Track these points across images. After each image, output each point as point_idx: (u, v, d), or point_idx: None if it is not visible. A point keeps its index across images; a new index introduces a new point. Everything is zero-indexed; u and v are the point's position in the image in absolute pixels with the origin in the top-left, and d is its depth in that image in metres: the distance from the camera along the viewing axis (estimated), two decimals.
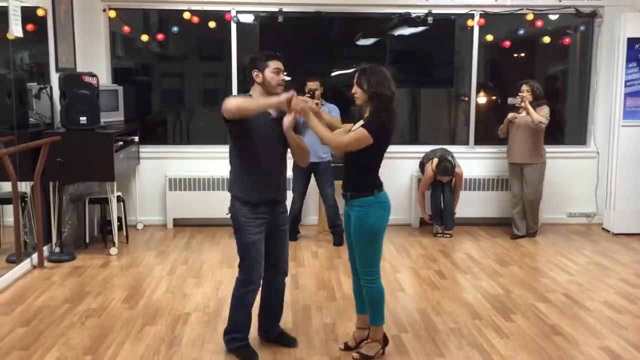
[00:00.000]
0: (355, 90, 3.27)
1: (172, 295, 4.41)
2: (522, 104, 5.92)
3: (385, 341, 3.47)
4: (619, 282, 4.81)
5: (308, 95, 5.13)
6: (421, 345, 3.60)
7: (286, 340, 3.57)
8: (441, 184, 6.17)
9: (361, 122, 3.29)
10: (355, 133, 3.20)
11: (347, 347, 3.51)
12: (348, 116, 5.98)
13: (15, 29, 4.70)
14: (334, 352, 3.51)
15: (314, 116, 3.20)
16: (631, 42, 6.11)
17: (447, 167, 5.98)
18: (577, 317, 4.09)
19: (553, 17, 6.64)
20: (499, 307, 4.24)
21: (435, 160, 6.06)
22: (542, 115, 5.87)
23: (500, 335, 3.76)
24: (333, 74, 7.05)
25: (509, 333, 3.80)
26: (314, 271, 5.05)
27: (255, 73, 3.24)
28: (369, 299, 3.38)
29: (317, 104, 5.16)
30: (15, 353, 3.43)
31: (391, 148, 6.70)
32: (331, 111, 5.68)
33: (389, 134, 3.29)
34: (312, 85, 5.45)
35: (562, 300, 4.40)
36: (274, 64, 3.24)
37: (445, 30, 6.86)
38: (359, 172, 3.31)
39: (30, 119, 5.38)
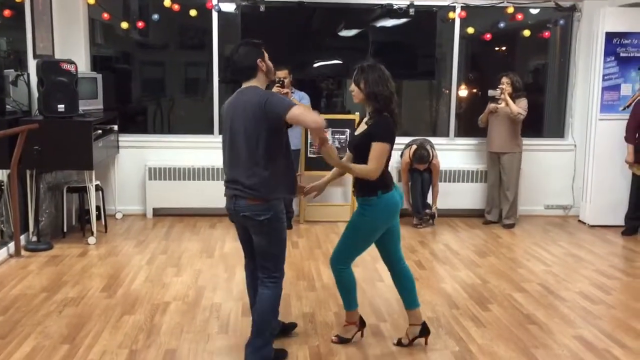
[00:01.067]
0: (353, 88, 3.26)
1: (151, 284, 4.40)
2: (502, 96, 6.05)
3: (362, 323, 3.54)
4: (594, 273, 4.89)
5: (278, 85, 5.14)
6: (400, 334, 3.63)
7: (289, 327, 3.59)
8: (420, 175, 6.22)
9: (364, 126, 3.27)
10: (375, 152, 3.13)
11: (399, 343, 3.52)
12: (318, 104, 6.02)
13: None
14: (312, 341, 3.53)
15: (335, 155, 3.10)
16: (609, 36, 6.19)
17: (422, 154, 6.03)
18: (552, 306, 4.16)
19: (533, 11, 6.70)
20: (476, 297, 4.30)
21: (414, 147, 6.10)
22: (520, 107, 6.03)
23: (477, 325, 3.81)
24: (315, 64, 7.05)
25: (485, 322, 3.85)
26: (295, 261, 5.06)
27: (260, 63, 3.07)
28: (342, 285, 3.44)
29: (286, 92, 5.21)
30: None
31: None
32: (302, 99, 5.72)
33: (395, 133, 3.26)
34: (281, 74, 5.37)
35: (538, 290, 4.47)
36: (265, 52, 3.15)
37: (427, 22, 6.88)
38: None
39: (7, 106, 5.29)
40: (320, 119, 2.93)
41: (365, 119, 3.31)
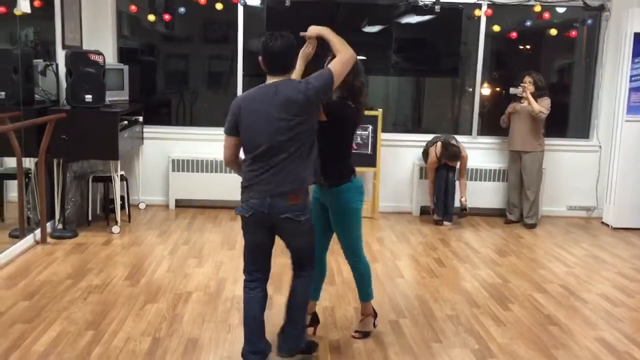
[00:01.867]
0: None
1: (173, 274, 4.46)
2: (524, 94, 6.02)
3: (375, 314, 3.60)
4: (616, 276, 4.85)
5: None
6: (419, 331, 3.65)
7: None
8: (445, 172, 6.19)
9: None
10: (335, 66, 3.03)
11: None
12: None
13: (24, 5, 4.70)
14: (332, 336, 3.55)
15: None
16: (638, 37, 6.11)
17: (455, 151, 6.01)
18: (574, 308, 4.14)
19: (560, 10, 6.63)
20: (496, 296, 4.29)
21: (439, 144, 6.08)
22: (543, 105, 6.00)
23: (497, 324, 3.80)
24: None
25: (505, 321, 3.84)
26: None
27: (294, 59, 3.01)
28: (359, 277, 3.49)
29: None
30: (18, 326, 3.47)
31: (394, 136, 6.80)
32: None
33: (348, 119, 3.22)
34: None
35: (559, 291, 4.45)
36: None
37: (452, 19, 6.85)
38: (331, 160, 3.21)
39: (36, 96, 5.40)
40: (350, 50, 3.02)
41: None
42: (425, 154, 6.28)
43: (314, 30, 3.06)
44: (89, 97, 5.22)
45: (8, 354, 3.15)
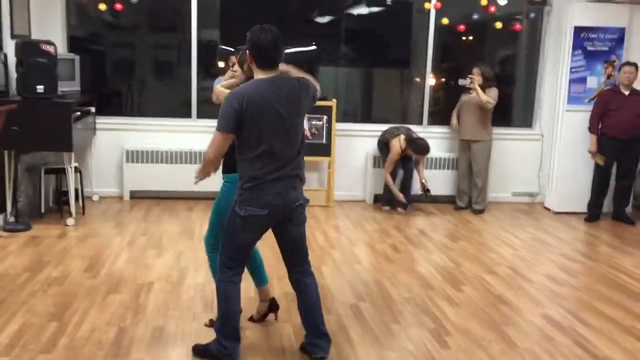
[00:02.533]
0: (236, 69, 3.28)
1: (133, 265, 4.47)
2: (472, 85, 6.26)
3: (275, 306, 3.61)
4: (560, 257, 5.15)
5: (233, 69, 5.24)
6: (378, 313, 3.80)
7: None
8: (406, 164, 6.36)
9: None
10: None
11: (251, 319, 3.60)
12: None
13: None
14: (295, 319, 3.64)
15: None
16: (577, 30, 6.43)
17: (424, 144, 6.18)
18: (521, 288, 4.39)
19: (505, 4, 6.89)
20: (449, 278, 4.49)
21: (403, 138, 6.20)
22: (490, 96, 6.26)
23: (451, 304, 4.00)
24: (286, 50, 7.12)
25: (459, 302, 4.04)
26: (274, 244, 5.16)
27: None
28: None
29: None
30: None
31: (346, 126, 6.91)
32: None
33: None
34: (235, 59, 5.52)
35: (507, 272, 4.69)
36: None
37: (403, 11, 7.03)
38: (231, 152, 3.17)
39: None
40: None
41: None
42: (384, 145, 6.41)
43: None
44: (40, 88, 5.12)
45: None
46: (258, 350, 3.26)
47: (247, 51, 2.90)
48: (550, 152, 6.84)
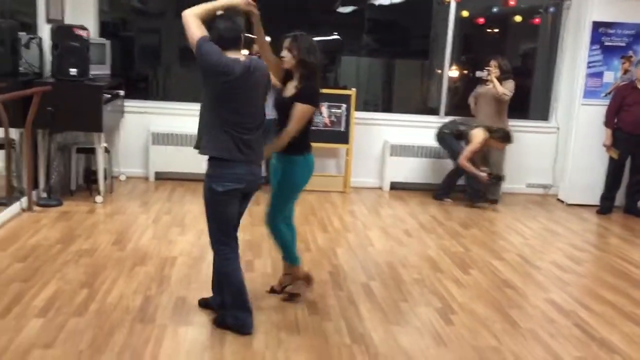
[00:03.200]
0: (285, 54, 3.50)
1: (158, 241, 4.72)
2: (489, 77, 6.40)
3: (308, 280, 3.85)
4: (568, 247, 5.29)
5: (281, 56, 5.46)
6: (388, 292, 4.00)
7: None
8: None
9: (292, 90, 3.52)
10: (297, 113, 3.43)
11: (272, 291, 3.83)
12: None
13: None
14: (308, 294, 3.87)
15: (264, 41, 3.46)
16: (596, 25, 6.52)
17: (510, 133, 6.31)
18: (528, 274, 4.55)
19: None
20: (458, 262, 4.68)
21: (483, 130, 6.23)
22: (507, 88, 6.38)
23: (458, 286, 4.18)
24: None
25: (466, 284, 4.23)
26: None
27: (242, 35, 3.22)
28: (280, 241, 3.71)
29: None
30: (15, 284, 3.71)
31: (365, 115, 7.08)
32: None
33: (318, 99, 3.57)
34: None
35: (515, 259, 4.85)
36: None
37: (423, 3, 7.17)
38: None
39: (20, 68, 5.53)
40: None
41: (294, 84, 3.53)
42: (455, 136, 6.44)
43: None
44: (73, 71, 5.38)
45: (10, 307, 3.39)
46: (273, 322, 3.48)
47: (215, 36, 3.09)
48: (566, 145, 6.95)
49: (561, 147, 7.07)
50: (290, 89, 3.55)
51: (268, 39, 3.55)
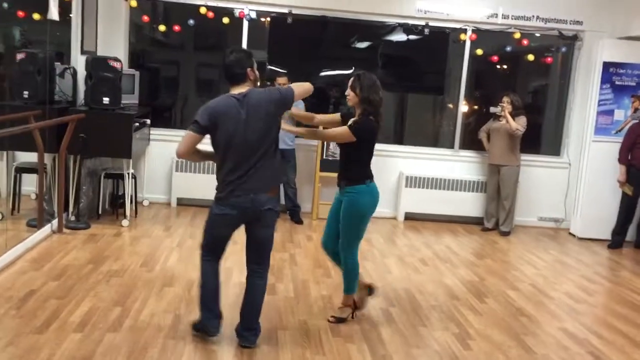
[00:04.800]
0: (349, 92, 3.81)
1: (184, 263, 4.90)
2: (502, 113, 6.62)
3: (355, 306, 4.03)
4: (580, 278, 5.43)
5: (346, 94, 5.74)
6: (407, 317, 4.16)
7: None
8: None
9: (351, 121, 3.81)
10: (341, 129, 3.78)
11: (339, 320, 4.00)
12: (326, 110, 7.10)
13: (54, 13, 5.13)
14: (329, 319, 4.03)
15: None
16: (606, 65, 6.75)
17: None
18: (541, 303, 4.69)
19: (538, 38, 7.26)
20: (474, 291, 4.82)
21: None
22: (519, 123, 6.59)
23: (474, 313, 4.33)
24: (322, 74, 7.67)
25: (482, 312, 4.37)
26: (310, 252, 5.57)
27: (250, 71, 3.34)
28: (349, 271, 3.95)
29: None
30: (53, 301, 3.89)
31: (381, 146, 7.31)
32: (297, 104, 6.37)
33: (374, 134, 3.82)
34: (281, 80, 6.24)
35: (528, 289, 5.00)
36: (254, 62, 3.48)
37: (439, 41, 7.44)
38: (352, 165, 3.86)
39: (54, 97, 5.80)
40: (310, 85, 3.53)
41: (353, 119, 3.81)
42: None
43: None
44: (106, 100, 5.65)
45: (49, 322, 3.57)
46: (298, 342, 3.63)
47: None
48: (577, 180, 7.13)
49: (572, 182, 7.24)
50: (350, 122, 3.80)
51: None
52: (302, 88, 3.46)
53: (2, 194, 5.70)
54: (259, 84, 3.45)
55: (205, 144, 3.37)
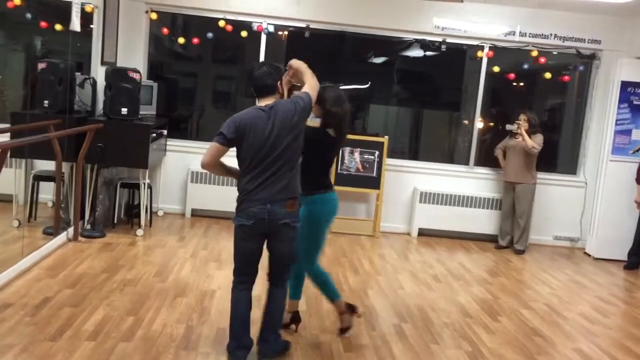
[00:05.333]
0: (313, 105, 3.65)
1: (197, 274, 4.92)
2: (519, 131, 6.59)
3: (351, 308, 3.98)
4: (595, 299, 5.37)
5: None
6: (419, 334, 4.13)
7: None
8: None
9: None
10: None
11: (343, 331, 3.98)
12: None
13: (76, 24, 5.21)
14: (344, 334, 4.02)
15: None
16: (624, 85, 6.71)
17: None
18: (556, 323, 4.64)
19: (555, 56, 7.24)
20: (487, 309, 4.79)
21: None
22: (535, 141, 6.56)
23: (487, 332, 4.29)
24: (341, 87, 7.67)
25: (495, 330, 4.33)
26: (323, 266, 5.53)
27: (279, 85, 3.40)
28: (318, 282, 3.88)
29: None
30: (67, 309, 3.92)
31: (396, 162, 7.29)
32: (314, 118, 6.40)
33: (322, 144, 3.72)
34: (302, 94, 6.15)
35: (543, 308, 4.95)
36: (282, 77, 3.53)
37: (456, 58, 7.45)
38: (307, 174, 3.60)
39: (74, 106, 5.88)
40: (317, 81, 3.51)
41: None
42: None
43: (294, 62, 3.52)
44: (124, 110, 5.71)
45: (63, 331, 3.59)
46: (311, 356, 3.63)
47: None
48: (593, 199, 7.07)
49: (589, 201, 7.18)
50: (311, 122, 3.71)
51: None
52: (314, 91, 3.47)
53: (19, 201, 5.76)
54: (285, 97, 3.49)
55: (230, 156, 3.36)
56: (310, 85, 3.47)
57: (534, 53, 7.07)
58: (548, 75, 7.21)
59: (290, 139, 3.28)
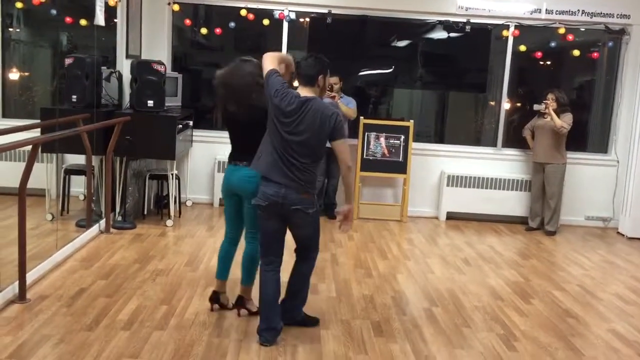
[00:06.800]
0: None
1: None
2: (547, 110, 6.48)
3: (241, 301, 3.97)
4: (629, 279, 5.28)
5: (327, 89, 5.76)
6: (450, 317, 4.12)
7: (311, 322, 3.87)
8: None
9: None
10: None
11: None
12: (366, 109, 7.00)
13: (101, 19, 5.26)
14: (373, 317, 4.02)
15: None
16: None
17: None
18: (589, 304, 4.58)
19: (583, 32, 7.08)
20: (519, 291, 4.74)
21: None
22: (564, 121, 6.44)
23: (519, 314, 4.25)
24: (361, 73, 7.68)
25: (527, 313, 4.30)
26: (352, 252, 5.57)
27: (321, 78, 3.49)
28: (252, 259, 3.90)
29: (334, 96, 6.24)
30: (101, 299, 4.00)
31: (422, 145, 7.24)
32: (348, 103, 6.55)
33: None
34: (332, 80, 6.25)
35: (576, 290, 4.88)
36: (328, 72, 3.59)
37: (481, 38, 7.34)
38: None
39: (101, 100, 5.95)
40: (351, 162, 3.57)
41: None
42: None
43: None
44: (151, 103, 5.76)
45: (98, 320, 3.67)
46: (341, 341, 3.64)
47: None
48: (626, 177, 6.93)
49: (621, 180, 7.05)
50: None
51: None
52: (344, 153, 3.45)
53: (52, 195, 5.87)
54: (325, 95, 3.63)
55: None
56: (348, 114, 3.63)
57: (561, 30, 6.92)
58: (576, 52, 7.05)
59: (308, 139, 3.38)
